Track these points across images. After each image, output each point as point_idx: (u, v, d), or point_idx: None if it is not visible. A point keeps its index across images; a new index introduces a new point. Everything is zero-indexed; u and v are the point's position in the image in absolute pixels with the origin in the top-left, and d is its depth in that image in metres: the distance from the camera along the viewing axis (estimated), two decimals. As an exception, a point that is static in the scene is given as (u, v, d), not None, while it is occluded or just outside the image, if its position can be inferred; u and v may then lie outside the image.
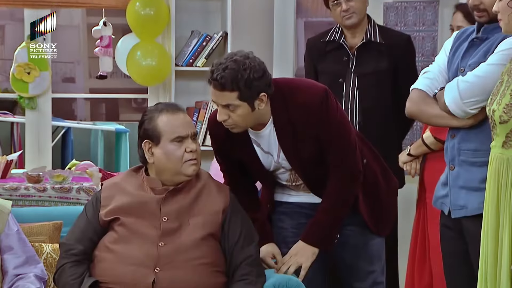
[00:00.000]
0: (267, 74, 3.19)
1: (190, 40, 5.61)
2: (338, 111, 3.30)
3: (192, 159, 3.22)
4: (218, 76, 3.11)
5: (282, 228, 3.52)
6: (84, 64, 11.19)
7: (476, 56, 3.27)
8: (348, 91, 4.29)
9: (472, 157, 3.27)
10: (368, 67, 4.27)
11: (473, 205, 3.26)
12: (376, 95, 4.25)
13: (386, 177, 3.56)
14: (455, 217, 3.33)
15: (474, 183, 3.26)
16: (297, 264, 3.30)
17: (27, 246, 3.20)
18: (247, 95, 3.14)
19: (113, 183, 3.33)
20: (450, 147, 3.35)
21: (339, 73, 4.30)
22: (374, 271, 3.51)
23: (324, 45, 4.38)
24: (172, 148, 3.20)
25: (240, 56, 3.15)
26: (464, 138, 3.29)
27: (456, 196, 3.32)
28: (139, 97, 7.09)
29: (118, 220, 3.21)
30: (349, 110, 4.27)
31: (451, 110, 3.22)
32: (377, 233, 3.50)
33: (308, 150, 3.29)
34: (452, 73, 3.36)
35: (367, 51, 4.29)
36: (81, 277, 3.16)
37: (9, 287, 3.10)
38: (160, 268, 3.11)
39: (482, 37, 3.30)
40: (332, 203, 3.33)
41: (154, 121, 3.23)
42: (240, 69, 3.11)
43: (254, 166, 3.38)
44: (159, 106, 3.29)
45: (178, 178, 3.24)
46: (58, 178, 4.61)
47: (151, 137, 3.23)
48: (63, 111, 8.74)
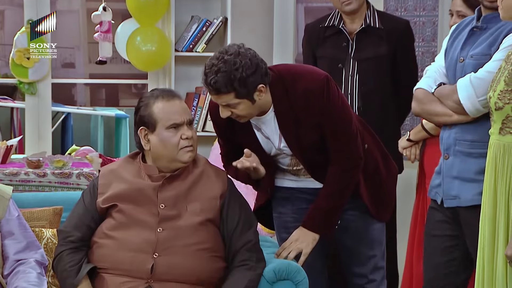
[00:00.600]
0: (260, 65, 3.16)
1: (190, 26, 5.60)
2: (339, 98, 3.29)
3: (188, 146, 3.22)
4: (212, 81, 3.10)
5: (282, 213, 3.52)
6: (84, 49, 11.16)
7: (479, 47, 3.26)
8: (348, 77, 4.29)
9: (469, 148, 3.28)
10: (368, 53, 4.27)
11: (467, 196, 3.28)
12: (375, 80, 4.25)
13: (387, 162, 3.56)
14: (447, 206, 3.34)
15: (469, 174, 3.27)
16: (297, 250, 3.31)
17: (27, 231, 3.20)
18: (244, 93, 3.14)
19: (110, 170, 3.32)
20: (446, 136, 3.35)
21: (338, 59, 4.30)
22: (375, 256, 3.52)
23: (323, 30, 4.37)
24: (168, 135, 3.20)
25: (230, 55, 3.11)
26: (462, 129, 3.29)
27: (449, 186, 3.33)
28: (139, 82, 7.08)
29: (116, 207, 3.21)
30: (349, 96, 4.27)
31: (465, 108, 3.22)
32: (377, 218, 3.50)
33: (309, 137, 3.29)
34: (450, 63, 3.36)
35: (367, 37, 4.29)
36: (79, 263, 3.17)
37: (9, 272, 3.10)
38: (159, 254, 3.12)
39: (482, 26, 3.29)
40: (333, 189, 3.34)
41: (150, 108, 3.22)
42: (232, 70, 3.09)
43: (255, 151, 3.37)
44: (155, 92, 3.28)
45: (174, 165, 3.24)
46: (58, 164, 4.62)
47: (147, 124, 3.22)
48: (62, 97, 8.71)
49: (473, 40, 3.30)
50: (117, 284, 3.11)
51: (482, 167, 3.20)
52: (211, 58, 3.15)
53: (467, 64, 3.27)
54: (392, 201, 3.62)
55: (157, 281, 3.10)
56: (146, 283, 3.10)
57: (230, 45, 3.18)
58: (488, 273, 3.07)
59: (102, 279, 3.15)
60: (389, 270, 3.75)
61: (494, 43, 3.22)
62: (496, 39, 3.22)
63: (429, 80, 3.41)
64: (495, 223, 3.06)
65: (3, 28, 10.89)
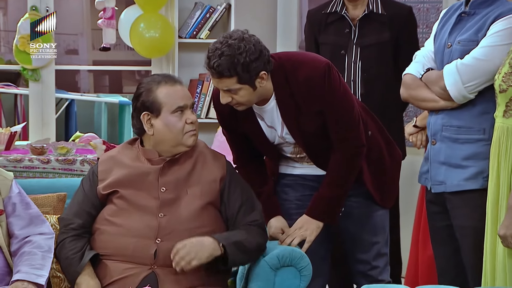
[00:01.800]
0: (264, 52, 3.16)
1: (193, 12, 5.60)
2: (341, 85, 3.28)
3: (192, 130, 3.22)
4: (215, 64, 3.10)
5: (286, 200, 3.51)
6: (87, 36, 11.15)
7: (466, 33, 3.26)
8: (350, 63, 4.27)
9: (455, 134, 3.28)
10: (371, 39, 4.25)
11: (452, 181, 3.29)
12: (378, 66, 4.24)
13: (390, 148, 3.55)
14: (435, 192, 3.36)
15: (456, 159, 3.28)
16: (301, 237, 3.31)
17: (31, 208, 3.19)
18: (246, 78, 3.13)
19: (110, 157, 3.32)
20: (433, 122, 3.36)
21: (341, 45, 4.28)
22: (378, 242, 3.51)
23: (325, 16, 4.34)
24: (174, 120, 3.20)
25: (235, 40, 3.11)
26: (449, 114, 3.30)
27: (436, 171, 3.35)
28: (142, 69, 7.08)
29: (117, 193, 3.21)
30: (352, 82, 4.25)
31: (451, 94, 3.22)
32: (381, 205, 3.50)
33: (311, 125, 3.29)
34: (438, 48, 3.35)
35: (369, 23, 4.26)
36: (81, 251, 3.16)
37: (17, 249, 3.10)
38: (161, 239, 3.11)
39: (470, 12, 3.28)
40: (336, 177, 3.33)
41: (153, 93, 3.21)
42: (235, 54, 3.09)
43: (259, 140, 3.38)
44: (156, 77, 3.28)
45: (178, 149, 3.23)
46: (62, 150, 4.61)
47: (151, 109, 3.21)
48: (66, 83, 8.71)
49: (461, 25, 3.30)
50: (120, 271, 3.11)
51: (468, 152, 3.23)
52: (215, 42, 3.15)
53: (454, 50, 3.27)
54: (395, 188, 3.62)
55: (161, 266, 3.09)
56: (149, 269, 3.09)
57: (234, 31, 3.18)
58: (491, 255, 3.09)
59: (105, 266, 3.15)
60: (392, 257, 3.75)
61: (481, 29, 3.22)
62: (483, 25, 3.22)
63: (417, 65, 3.42)
64: (498, 206, 3.07)
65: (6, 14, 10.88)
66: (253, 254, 3.19)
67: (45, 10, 5.53)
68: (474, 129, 3.25)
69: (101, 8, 5.49)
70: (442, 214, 3.40)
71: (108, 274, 3.13)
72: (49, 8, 5.53)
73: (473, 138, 3.26)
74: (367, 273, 3.52)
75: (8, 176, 3.19)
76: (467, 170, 3.26)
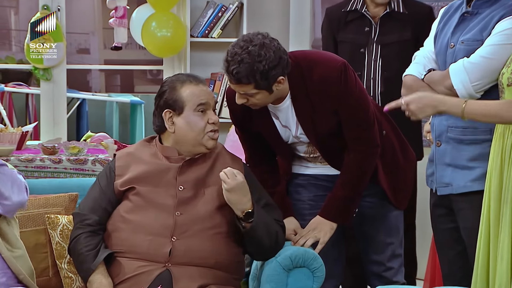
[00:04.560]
0: (283, 57, 3.15)
1: (205, 11, 5.60)
2: (356, 85, 3.27)
3: (214, 130, 3.23)
4: (234, 71, 3.09)
5: (299, 200, 3.50)
6: (99, 35, 11.17)
7: (470, 32, 3.24)
8: (371, 61, 4.27)
9: (461, 135, 3.26)
10: (392, 37, 4.27)
11: (459, 183, 3.27)
12: (398, 65, 4.20)
13: (404, 149, 3.54)
14: (440, 194, 3.33)
15: (462, 161, 3.26)
16: (315, 238, 3.30)
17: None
18: (264, 85, 3.13)
19: (127, 153, 3.32)
20: (437, 123, 3.33)
21: (361, 43, 4.29)
22: (393, 243, 3.50)
23: (344, 14, 4.36)
24: (196, 118, 3.21)
25: (255, 46, 3.09)
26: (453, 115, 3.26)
27: (441, 173, 3.32)
28: (154, 68, 7.09)
29: (134, 190, 3.21)
30: (371, 80, 4.26)
31: (459, 93, 3.19)
32: (395, 205, 3.48)
33: (326, 124, 3.27)
34: (440, 49, 3.33)
35: (390, 21, 4.28)
36: (96, 248, 3.16)
37: None
38: (177, 237, 3.11)
39: (472, 12, 3.27)
40: (350, 178, 3.32)
41: (177, 91, 3.22)
42: (255, 62, 3.08)
43: (273, 139, 3.37)
44: (180, 76, 3.30)
45: (197, 149, 3.24)
46: (74, 150, 4.61)
47: (173, 107, 3.22)
48: (77, 83, 8.74)
49: (464, 25, 3.27)
50: (134, 268, 3.10)
51: (474, 153, 3.21)
52: (234, 45, 3.13)
53: (458, 50, 3.25)
54: (409, 189, 3.60)
55: (175, 264, 3.09)
56: (163, 266, 3.09)
57: (254, 34, 3.15)
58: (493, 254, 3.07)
59: (118, 264, 3.14)
60: (407, 258, 3.72)
61: (485, 28, 3.20)
62: (487, 24, 3.20)
63: (418, 66, 3.40)
64: (500, 206, 3.04)
65: (17, 13, 10.90)
66: (271, 238, 3.18)
67: (56, 8, 5.53)
68: (480, 130, 3.23)
69: (113, 7, 5.50)
70: (447, 216, 3.38)
71: (122, 272, 3.12)
72: (61, 7, 5.53)
73: (479, 138, 3.23)
74: (382, 274, 3.50)
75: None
76: (473, 171, 3.24)
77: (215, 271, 3.13)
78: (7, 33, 10.85)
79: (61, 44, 5.49)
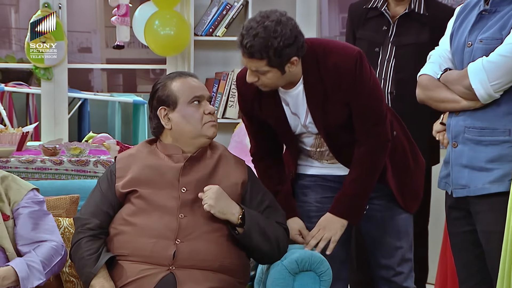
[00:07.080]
0: (299, 38, 3.14)
1: (209, 9, 5.60)
2: (371, 75, 3.26)
3: (212, 121, 3.22)
4: (248, 44, 3.08)
5: (305, 202, 3.47)
6: (101, 33, 11.18)
7: (488, 31, 3.20)
8: (384, 61, 4.27)
9: (478, 135, 3.21)
10: (409, 39, 4.26)
11: (477, 184, 3.22)
12: (413, 67, 4.16)
13: (414, 153, 3.52)
14: (456, 196, 3.29)
15: (479, 162, 3.21)
16: (326, 239, 3.27)
17: (38, 229, 3.16)
18: (277, 62, 3.12)
19: (128, 155, 3.31)
20: (454, 124, 3.29)
21: (376, 42, 4.29)
22: (402, 247, 3.47)
23: (365, 11, 4.37)
24: (191, 110, 3.21)
25: (272, 21, 3.10)
26: (471, 115, 3.23)
27: (457, 175, 3.28)
28: (157, 67, 7.06)
29: (136, 193, 3.19)
30: (382, 80, 4.24)
31: (477, 93, 3.16)
32: (404, 208, 3.45)
33: (336, 114, 3.25)
34: (456, 48, 3.30)
35: (409, 22, 4.27)
36: (97, 252, 3.14)
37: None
38: (181, 240, 3.09)
39: (491, 10, 3.23)
40: (360, 172, 3.29)
41: (168, 87, 3.24)
42: (270, 37, 3.07)
43: (280, 128, 3.35)
44: (170, 74, 3.32)
45: (198, 141, 3.22)
46: (75, 151, 4.60)
47: (167, 103, 3.22)
48: (79, 82, 8.76)
49: (482, 24, 3.24)
50: (136, 272, 3.08)
51: (493, 155, 3.18)
52: (251, 20, 3.14)
53: (476, 49, 3.21)
54: (419, 193, 3.56)
55: (179, 267, 3.07)
56: (167, 270, 3.07)
57: (272, 11, 3.16)
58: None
59: (120, 268, 3.12)
60: (418, 263, 3.68)
61: (505, 27, 3.17)
62: (507, 22, 3.17)
63: (433, 66, 3.37)
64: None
65: (18, 11, 10.89)
66: (270, 243, 3.15)
67: (57, 6, 5.54)
68: (499, 131, 3.19)
69: (115, 5, 5.52)
70: (464, 219, 3.34)
71: (124, 275, 3.10)
72: (62, 5, 5.54)
73: (498, 139, 3.19)
74: (391, 279, 3.47)
75: (24, 185, 3.18)
76: (492, 172, 3.20)
77: (220, 275, 3.10)
78: (7, 31, 10.85)
79: (62, 42, 5.50)
